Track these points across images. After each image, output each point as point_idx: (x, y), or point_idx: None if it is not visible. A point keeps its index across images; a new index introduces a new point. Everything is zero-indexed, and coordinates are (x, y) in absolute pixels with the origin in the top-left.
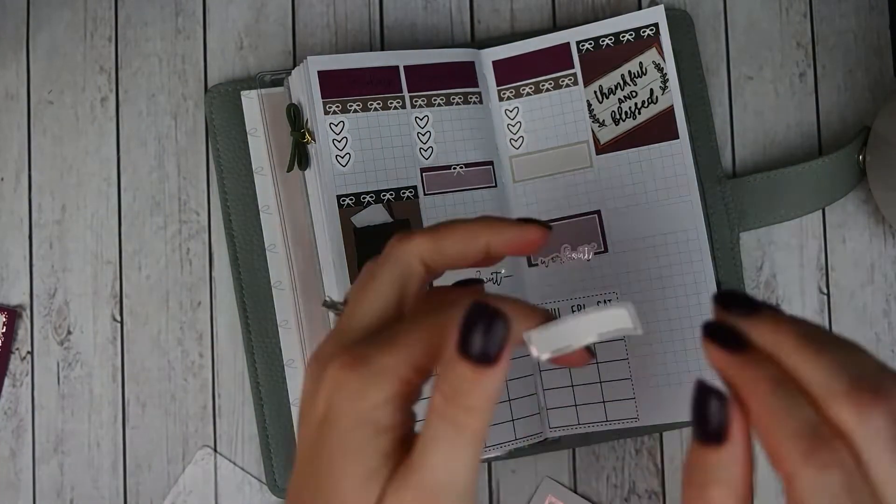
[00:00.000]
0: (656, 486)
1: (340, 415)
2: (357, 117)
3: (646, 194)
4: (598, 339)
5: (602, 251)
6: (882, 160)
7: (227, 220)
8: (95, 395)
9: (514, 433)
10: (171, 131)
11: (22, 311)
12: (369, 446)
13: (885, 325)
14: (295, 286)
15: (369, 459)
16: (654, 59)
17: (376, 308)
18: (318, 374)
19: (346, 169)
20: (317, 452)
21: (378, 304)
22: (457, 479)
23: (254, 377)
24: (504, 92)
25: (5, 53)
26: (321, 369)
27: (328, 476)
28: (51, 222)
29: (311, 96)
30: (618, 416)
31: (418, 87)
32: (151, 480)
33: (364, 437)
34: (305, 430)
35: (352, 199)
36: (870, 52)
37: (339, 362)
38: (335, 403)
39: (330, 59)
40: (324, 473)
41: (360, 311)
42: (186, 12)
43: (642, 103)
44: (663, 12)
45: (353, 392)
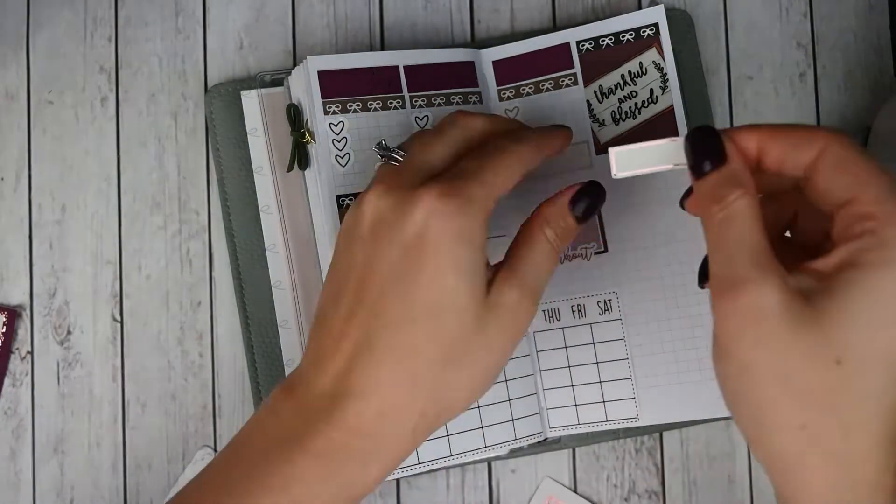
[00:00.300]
0: (656, 486)
1: (442, 234)
2: (357, 117)
3: (645, 194)
4: (671, 168)
5: (602, 251)
6: (882, 160)
7: (227, 220)
8: (95, 395)
9: (515, 433)
10: (171, 131)
11: (22, 311)
12: (472, 259)
13: None
14: (295, 286)
15: (474, 268)
16: (654, 59)
17: (443, 156)
18: (402, 201)
19: (345, 169)
20: (411, 267)
21: (446, 153)
22: (543, 285)
23: (254, 377)
24: (504, 92)
25: (5, 53)
26: (404, 198)
27: (433, 285)
28: (51, 222)
29: (311, 96)
30: (618, 416)
31: (418, 86)
32: (151, 480)
33: (467, 251)
34: (386, 250)
35: (351, 198)
36: (870, 52)
37: (436, 191)
38: (434, 225)
39: (330, 59)
40: (425, 285)
41: (429, 155)
42: (186, 12)
43: (642, 103)
44: (663, 12)
45: (453, 215)
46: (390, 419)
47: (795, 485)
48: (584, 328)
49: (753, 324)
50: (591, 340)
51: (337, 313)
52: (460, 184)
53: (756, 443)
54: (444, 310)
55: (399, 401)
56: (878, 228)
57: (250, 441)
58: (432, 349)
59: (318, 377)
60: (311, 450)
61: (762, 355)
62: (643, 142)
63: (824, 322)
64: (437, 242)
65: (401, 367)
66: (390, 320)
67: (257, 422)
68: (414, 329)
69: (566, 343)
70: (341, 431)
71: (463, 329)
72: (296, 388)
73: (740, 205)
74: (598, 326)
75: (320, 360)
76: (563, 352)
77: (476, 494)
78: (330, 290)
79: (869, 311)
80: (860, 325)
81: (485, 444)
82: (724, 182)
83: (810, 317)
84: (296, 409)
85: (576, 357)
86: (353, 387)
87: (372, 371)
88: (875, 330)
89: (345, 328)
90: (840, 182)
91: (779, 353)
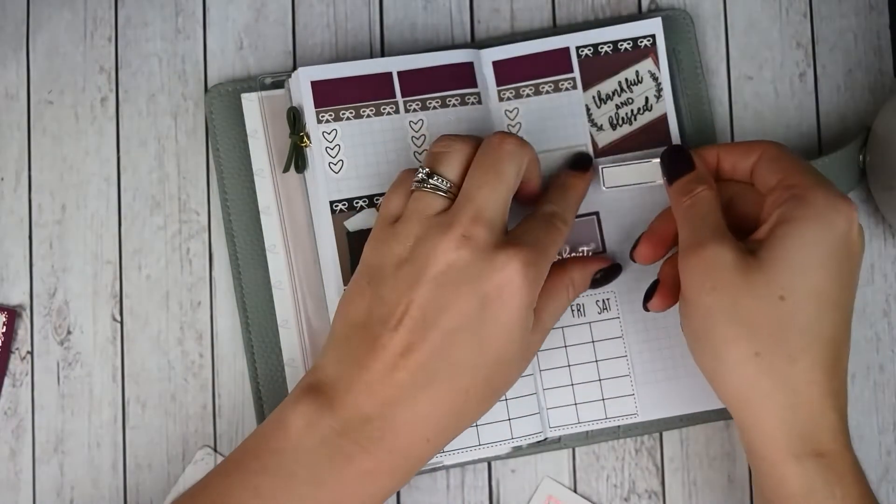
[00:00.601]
0: (656, 486)
1: (517, 298)
2: (350, 125)
3: (642, 197)
4: (651, 184)
5: (601, 252)
6: (882, 160)
7: (228, 221)
8: (95, 395)
9: (514, 433)
10: (171, 131)
11: (22, 311)
12: (530, 319)
13: (885, 325)
14: (295, 286)
15: (529, 326)
16: (649, 68)
17: (506, 199)
18: (486, 260)
19: (339, 175)
20: (486, 320)
21: (508, 195)
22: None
23: (254, 377)
24: (504, 92)
25: (5, 53)
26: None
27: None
28: (51, 222)
29: (304, 106)
30: (617, 413)
31: (413, 90)
32: (151, 480)
33: (529, 314)
34: (463, 300)
35: (345, 203)
36: (870, 52)
37: (520, 262)
38: (513, 291)
39: (322, 69)
40: (495, 338)
41: (495, 205)
42: (186, 12)
43: (638, 110)
44: (660, 24)
45: (529, 286)
46: (432, 445)
47: (751, 411)
48: (583, 327)
49: (712, 272)
50: (590, 339)
51: (391, 341)
52: (538, 258)
53: (717, 380)
54: (503, 361)
55: (444, 430)
56: (801, 192)
57: (285, 452)
58: (482, 393)
59: (366, 399)
60: (362, 469)
61: (719, 298)
62: (628, 162)
63: (767, 267)
64: (512, 304)
65: (453, 406)
66: (455, 366)
67: (291, 433)
68: (474, 377)
69: (566, 342)
70: (393, 455)
71: (508, 377)
72: (335, 403)
73: (704, 194)
74: (597, 325)
75: (370, 383)
76: (563, 351)
77: (476, 494)
78: (379, 309)
79: (800, 256)
80: (795, 267)
81: (479, 443)
82: (692, 181)
83: (756, 265)
84: (341, 429)
85: (575, 356)
86: (405, 415)
87: (426, 406)
88: (805, 270)
89: (400, 360)
90: (772, 171)
91: (732, 295)
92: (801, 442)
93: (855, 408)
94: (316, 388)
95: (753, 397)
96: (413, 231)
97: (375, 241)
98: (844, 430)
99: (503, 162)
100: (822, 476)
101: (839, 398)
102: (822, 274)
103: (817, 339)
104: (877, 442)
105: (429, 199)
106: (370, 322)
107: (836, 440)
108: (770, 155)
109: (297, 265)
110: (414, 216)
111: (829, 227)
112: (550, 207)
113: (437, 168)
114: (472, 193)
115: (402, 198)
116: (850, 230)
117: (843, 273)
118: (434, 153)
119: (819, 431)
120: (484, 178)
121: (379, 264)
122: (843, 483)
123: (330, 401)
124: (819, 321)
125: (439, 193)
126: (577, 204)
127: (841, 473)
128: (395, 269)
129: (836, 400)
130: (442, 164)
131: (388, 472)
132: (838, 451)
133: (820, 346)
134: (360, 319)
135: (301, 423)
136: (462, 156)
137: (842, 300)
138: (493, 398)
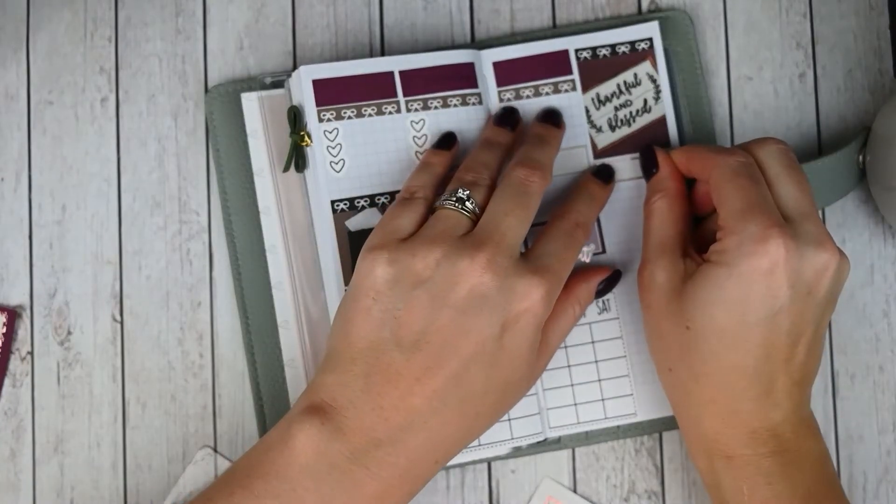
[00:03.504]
0: (656, 486)
1: (532, 325)
2: (351, 124)
3: (642, 197)
4: None
5: (601, 252)
6: (882, 160)
7: (228, 221)
8: (95, 395)
9: (514, 433)
10: (171, 131)
11: (22, 311)
12: (537, 342)
13: (885, 325)
14: (295, 286)
15: (535, 350)
16: (647, 70)
17: (526, 229)
18: (508, 288)
19: (340, 175)
20: (503, 347)
21: (528, 226)
22: (557, 346)
23: (254, 377)
24: (504, 93)
25: (5, 53)
26: (510, 285)
27: (513, 365)
28: (51, 222)
29: (305, 105)
30: (616, 413)
31: (414, 90)
32: (151, 480)
33: (538, 336)
34: (483, 327)
35: (346, 203)
36: (870, 52)
37: (542, 292)
38: (530, 318)
39: (323, 68)
40: (508, 364)
41: (518, 233)
42: (186, 12)
43: (637, 112)
44: (657, 28)
45: (545, 312)
46: (439, 465)
47: (675, 412)
48: (583, 328)
49: (646, 292)
50: (590, 339)
51: (407, 365)
52: (557, 284)
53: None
54: (512, 383)
55: (451, 452)
56: (723, 237)
57: (292, 477)
58: (490, 415)
59: (377, 424)
60: (371, 493)
61: (649, 315)
62: (625, 156)
63: (682, 298)
64: (526, 331)
65: (462, 427)
66: (469, 391)
67: (299, 457)
68: (484, 400)
69: (566, 343)
70: (403, 479)
71: (515, 399)
72: (345, 428)
73: (658, 204)
74: (596, 326)
75: (384, 408)
76: (563, 352)
77: (476, 494)
78: (392, 330)
79: (708, 294)
80: (700, 302)
81: (479, 444)
82: (653, 187)
83: (679, 292)
84: (351, 454)
85: (575, 356)
86: (417, 440)
87: (438, 430)
88: (710, 307)
89: (415, 386)
90: (715, 199)
91: (656, 316)
92: (708, 445)
93: (855, 408)
94: (322, 409)
95: (671, 403)
96: (436, 250)
97: (385, 255)
98: (762, 439)
99: (530, 196)
100: (729, 474)
101: (749, 415)
102: (724, 313)
103: (719, 367)
104: (877, 442)
105: (457, 218)
106: (379, 343)
107: (747, 447)
108: (714, 181)
109: (297, 265)
110: (438, 234)
111: (738, 273)
112: (576, 217)
113: (472, 193)
114: (498, 220)
115: (414, 216)
116: (771, 272)
117: (754, 311)
118: (467, 181)
119: (725, 440)
120: (510, 207)
121: (390, 281)
122: (753, 483)
123: (339, 425)
124: (720, 353)
125: (465, 214)
126: (597, 214)
127: (750, 475)
128: (412, 289)
129: (742, 417)
130: (475, 190)
131: (397, 495)
132: (749, 456)
133: (722, 373)
134: (367, 340)
135: (310, 447)
136: (490, 186)
137: (752, 336)
138: (498, 417)
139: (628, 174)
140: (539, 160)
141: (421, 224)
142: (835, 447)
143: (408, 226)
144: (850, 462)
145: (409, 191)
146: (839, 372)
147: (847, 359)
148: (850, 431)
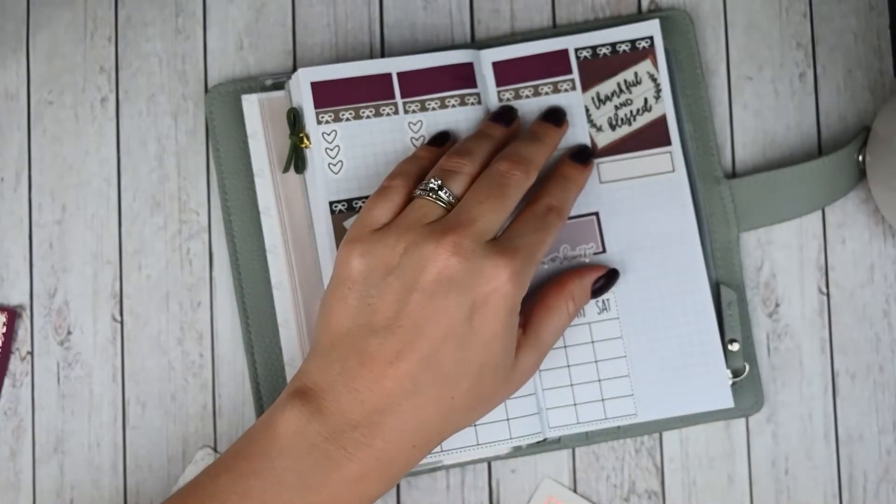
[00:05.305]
0: (656, 486)
1: (503, 307)
2: (349, 126)
3: (643, 197)
4: (654, 176)
5: (601, 252)
6: (882, 160)
7: (228, 221)
8: (95, 395)
9: (513, 433)
10: (171, 131)
11: (22, 311)
12: (514, 327)
13: (885, 325)
14: (295, 286)
15: (513, 335)
16: (648, 69)
17: (503, 220)
18: (475, 270)
19: (338, 176)
20: (472, 329)
21: (505, 217)
22: (553, 344)
23: (254, 377)
24: (504, 93)
25: (5, 53)
26: (477, 268)
27: (486, 348)
28: (51, 222)
29: (303, 107)
30: (616, 413)
31: (412, 91)
32: (151, 480)
33: (513, 320)
34: (452, 309)
35: (344, 204)
36: (870, 52)
37: (510, 272)
38: (500, 299)
39: (321, 70)
40: (479, 348)
41: (490, 220)
42: (186, 12)
43: (637, 111)
44: (658, 26)
45: (516, 294)
46: (419, 450)
47: None
48: (583, 328)
49: None
50: (589, 339)
51: (380, 349)
52: (527, 264)
53: None
54: (488, 370)
55: (430, 437)
56: None
57: (274, 457)
58: (467, 400)
59: (353, 406)
60: (349, 475)
61: None
62: (625, 156)
63: None
64: (498, 311)
65: (439, 412)
66: (441, 374)
67: (281, 438)
68: (459, 384)
69: (565, 343)
70: (380, 461)
71: (495, 387)
72: (323, 410)
73: None
74: (596, 325)
75: (358, 390)
76: (563, 351)
77: (476, 494)
78: (366, 317)
79: None
80: None
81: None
82: None
83: None
84: (329, 435)
85: (575, 356)
86: (392, 422)
87: (413, 413)
88: None
89: (388, 369)
90: None
91: None
92: None
93: (855, 408)
94: (304, 393)
95: None
96: (405, 238)
97: (359, 246)
98: None
99: (509, 188)
100: None
101: None
102: None
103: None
104: (877, 442)
105: (430, 207)
106: (355, 330)
107: None
108: None
109: (297, 265)
110: (409, 223)
111: None
112: (548, 200)
113: (447, 182)
114: (470, 207)
115: (390, 206)
116: None
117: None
118: (446, 170)
119: None
120: (484, 196)
121: (364, 271)
122: None
123: (318, 407)
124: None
125: (440, 204)
126: (575, 197)
127: None
128: (383, 276)
129: None
130: (452, 180)
131: (376, 477)
132: None
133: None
134: (343, 327)
135: (290, 427)
136: (471, 176)
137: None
138: (480, 406)
139: (628, 174)
140: (525, 156)
141: (397, 214)
142: (835, 447)
143: (382, 216)
144: (850, 462)
145: (388, 181)
146: (839, 372)
147: (847, 359)
148: (850, 431)
